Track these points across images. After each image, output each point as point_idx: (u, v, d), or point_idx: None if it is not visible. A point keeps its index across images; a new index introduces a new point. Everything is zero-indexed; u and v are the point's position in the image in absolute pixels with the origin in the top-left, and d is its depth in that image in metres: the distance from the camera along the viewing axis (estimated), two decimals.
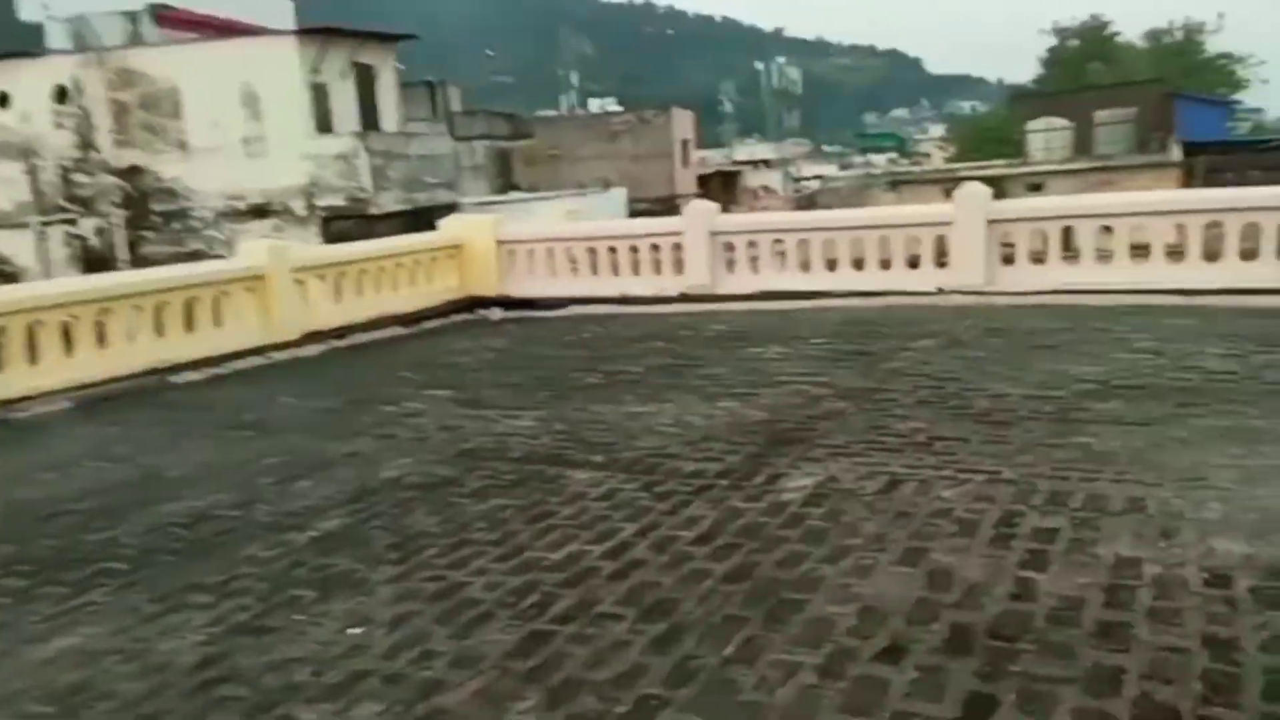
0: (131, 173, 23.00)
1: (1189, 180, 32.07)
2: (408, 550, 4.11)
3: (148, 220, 22.84)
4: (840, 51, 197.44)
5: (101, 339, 8.81)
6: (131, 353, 8.93)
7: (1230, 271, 9.07)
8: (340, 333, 10.77)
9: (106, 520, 4.84)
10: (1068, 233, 9.88)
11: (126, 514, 4.92)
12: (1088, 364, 6.67)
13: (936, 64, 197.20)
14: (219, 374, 9.13)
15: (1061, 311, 8.93)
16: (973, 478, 4.44)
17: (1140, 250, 9.54)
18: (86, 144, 22.94)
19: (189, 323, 9.55)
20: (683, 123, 49.39)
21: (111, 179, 22.79)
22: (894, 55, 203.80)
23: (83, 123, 22.89)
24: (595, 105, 66.94)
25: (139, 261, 22.16)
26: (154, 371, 8.96)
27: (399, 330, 11.38)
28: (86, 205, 23.05)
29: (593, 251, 12.48)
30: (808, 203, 45.84)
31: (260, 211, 21.95)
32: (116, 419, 7.42)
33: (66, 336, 8.51)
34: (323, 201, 22.00)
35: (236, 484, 5.29)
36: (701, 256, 11.65)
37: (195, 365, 9.27)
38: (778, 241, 11.41)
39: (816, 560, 3.69)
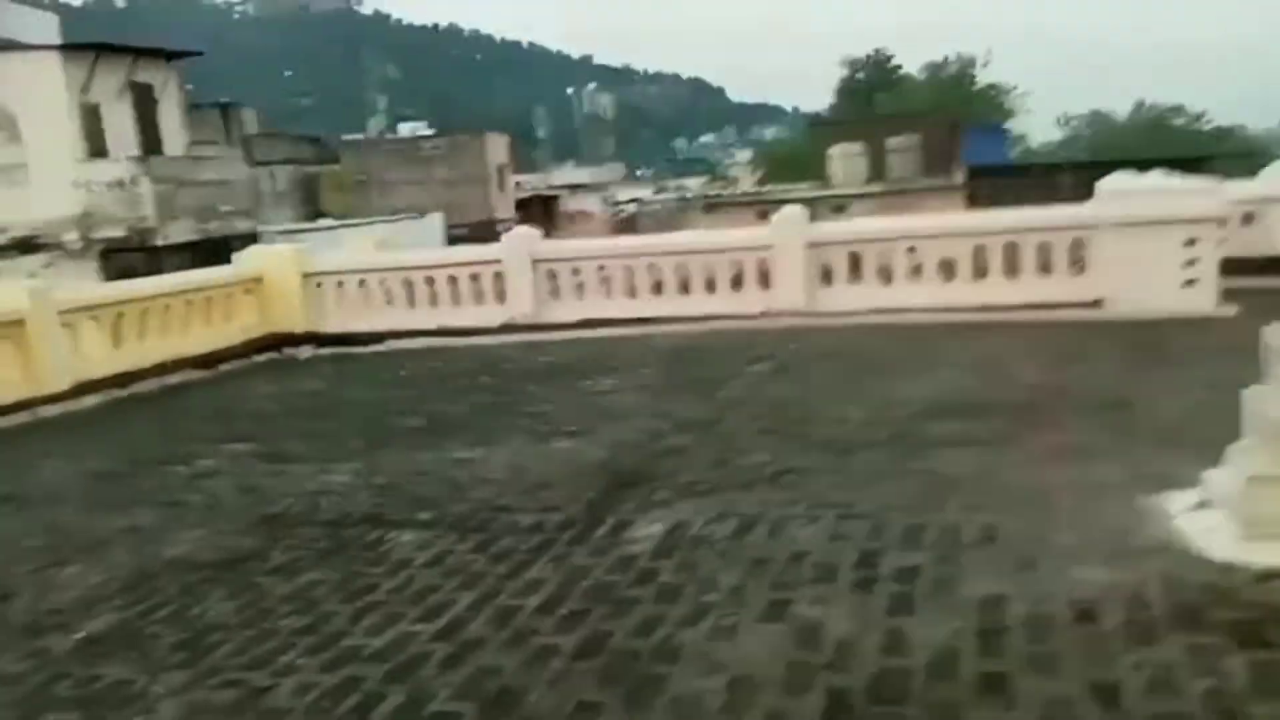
0: None
1: (974, 202, 34.62)
2: (198, 649, 3.46)
3: None
4: (646, 79, 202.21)
5: None
6: None
7: (1028, 288, 9.56)
8: (122, 381, 9.61)
9: None
10: (880, 255, 10.15)
11: None
12: (915, 385, 6.73)
13: (737, 92, 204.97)
14: None
15: (880, 331, 9.12)
16: (825, 514, 4.25)
17: (947, 270, 9.93)
18: None
19: None
20: (497, 147, 48.77)
21: None
22: (698, 83, 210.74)
23: None
24: (406, 129, 65.15)
25: None
26: None
27: (193, 374, 10.31)
28: None
29: (409, 283, 11.82)
30: (627, 225, 46.30)
31: (27, 246, 19.57)
32: None
33: None
34: (101, 234, 19.91)
35: None
36: (524, 285, 11.24)
37: None
38: (601, 268, 11.17)
39: (674, 624, 3.35)
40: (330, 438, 6.78)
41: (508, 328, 11.10)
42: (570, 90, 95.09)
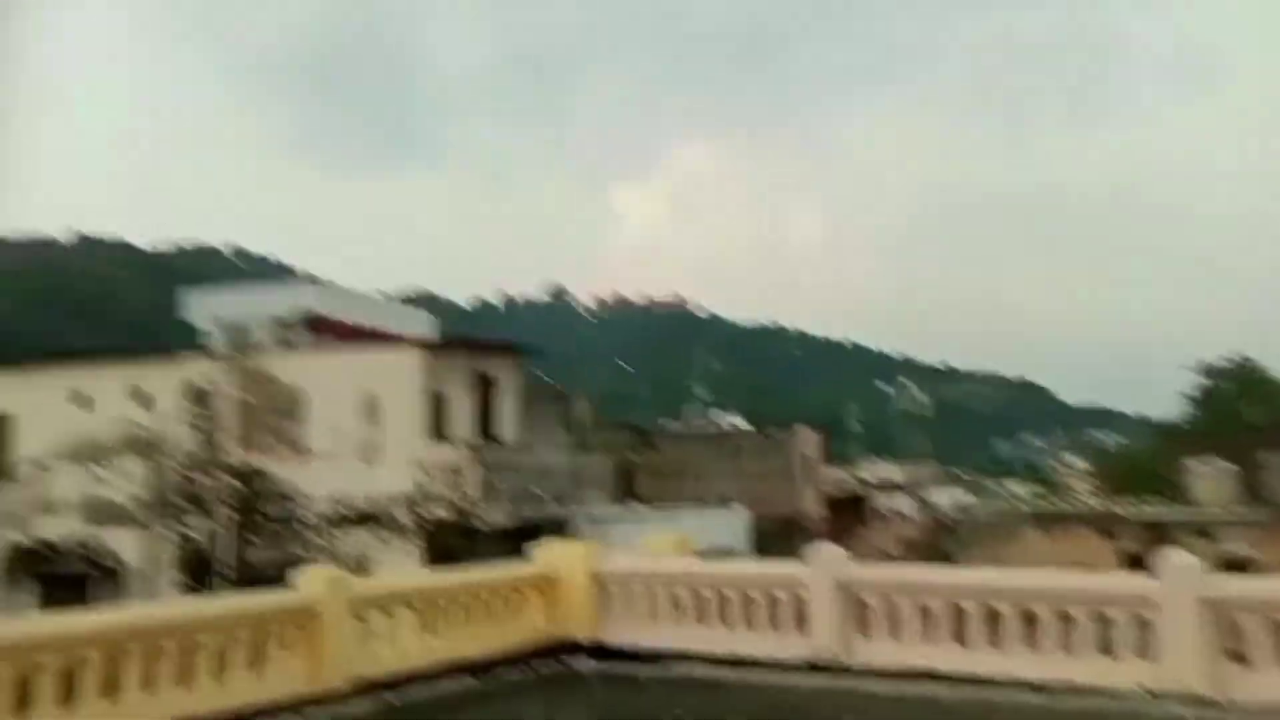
0: (249, 474, 23.18)
1: None
2: None
3: (257, 523, 22.61)
4: (967, 378, 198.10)
5: (112, 686, 7.44)
6: (145, 705, 7.51)
7: None
8: (397, 683, 9.15)
9: None
10: None
11: None
12: None
13: (1067, 393, 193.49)
14: None
15: None
16: None
17: None
18: (211, 444, 23.47)
19: (220, 667, 8.16)
20: (807, 441, 48.54)
21: (229, 480, 22.98)
22: (1023, 384, 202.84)
23: (210, 423, 23.57)
24: (721, 418, 67.37)
25: (243, 565, 21.60)
26: None
27: (468, 683, 9.70)
28: (201, 506, 23.12)
29: (700, 596, 10.74)
30: (948, 531, 43.02)
31: (365, 518, 21.42)
32: None
33: (68, 684, 7.18)
34: (427, 511, 21.34)
35: None
36: (828, 613, 9.72)
37: None
38: (923, 603, 9.43)
39: None
40: None
41: (809, 666, 9.53)
42: (886, 386, 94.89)
